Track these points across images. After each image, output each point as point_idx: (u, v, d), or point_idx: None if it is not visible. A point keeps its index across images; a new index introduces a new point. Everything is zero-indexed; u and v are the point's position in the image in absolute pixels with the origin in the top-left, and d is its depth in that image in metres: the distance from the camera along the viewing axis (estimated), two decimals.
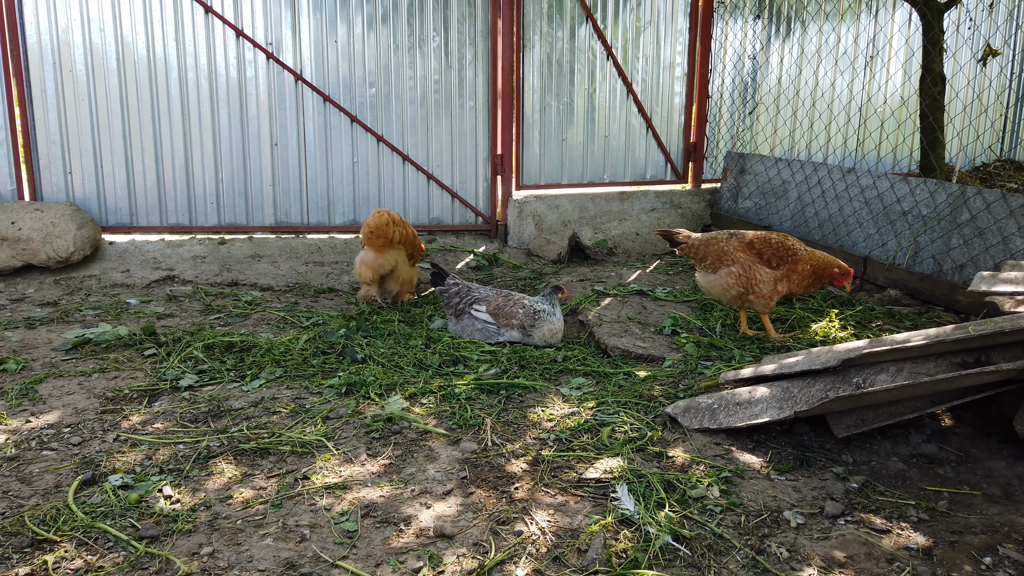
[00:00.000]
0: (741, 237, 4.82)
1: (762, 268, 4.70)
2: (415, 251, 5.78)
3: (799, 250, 4.77)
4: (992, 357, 3.50)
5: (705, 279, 4.89)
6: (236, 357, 4.55)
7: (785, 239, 4.79)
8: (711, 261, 4.80)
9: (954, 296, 5.26)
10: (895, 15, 8.49)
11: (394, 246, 5.50)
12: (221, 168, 6.89)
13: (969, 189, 5.42)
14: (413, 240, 5.70)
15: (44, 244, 6.12)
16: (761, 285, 4.69)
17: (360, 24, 6.93)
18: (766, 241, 4.77)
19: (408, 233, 5.62)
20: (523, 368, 4.49)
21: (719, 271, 4.77)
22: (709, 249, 4.83)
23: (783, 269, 4.72)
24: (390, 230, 5.40)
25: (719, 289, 4.80)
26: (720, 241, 4.82)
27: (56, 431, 3.62)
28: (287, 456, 3.40)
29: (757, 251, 4.74)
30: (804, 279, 4.77)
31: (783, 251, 4.74)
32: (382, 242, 5.41)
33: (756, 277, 4.69)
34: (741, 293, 4.73)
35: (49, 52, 6.42)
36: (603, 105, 7.68)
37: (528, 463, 3.34)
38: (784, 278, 4.74)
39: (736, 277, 4.70)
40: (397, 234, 5.47)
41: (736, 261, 4.72)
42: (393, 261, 5.49)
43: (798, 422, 3.61)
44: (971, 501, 3.10)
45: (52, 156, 6.58)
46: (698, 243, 4.88)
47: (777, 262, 4.72)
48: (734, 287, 4.72)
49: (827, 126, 8.51)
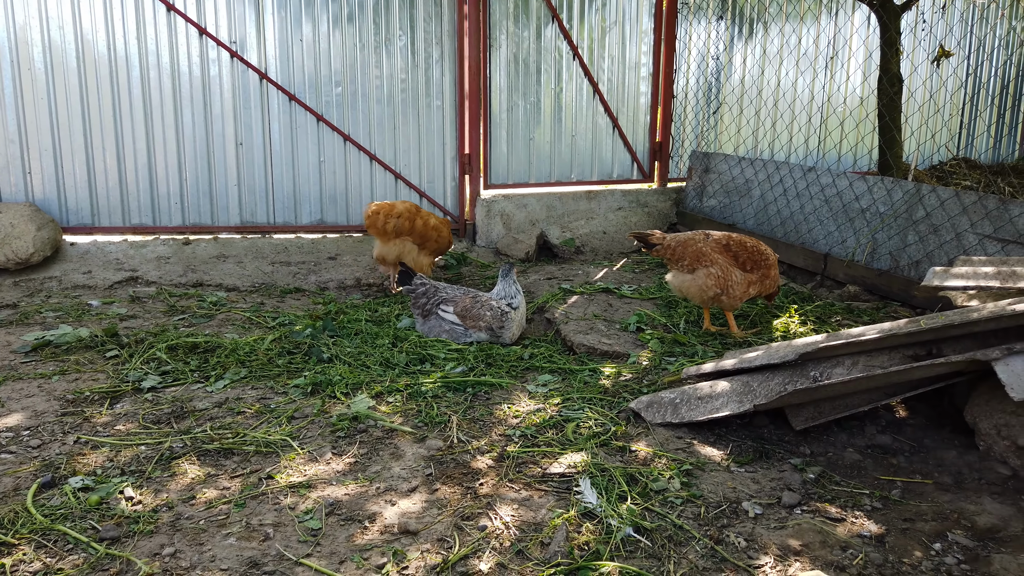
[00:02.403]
0: (718, 239, 4.90)
1: (736, 271, 4.80)
2: (426, 242, 6.01)
3: (770, 256, 4.92)
4: (943, 349, 3.61)
5: (680, 279, 4.93)
6: (200, 358, 4.52)
7: (759, 244, 4.92)
8: (688, 262, 4.86)
9: (910, 291, 5.39)
10: (854, 16, 8.67)
11: (395, 236, 5.86)
12: (185, 168, 6.82)
13: (924, 187, 5.56)
14: (422, 231, 5.96)
15: (2, 245, 6.01)
16: (735, 287, 4.79)
17: (326, 23, 6.90)
18: (742, 244, 4.89)
19: (413, 226, 5.90)
20: (490, 366, 4.51)
21: (696, 272, 4.83)
22: (687, 250, 4.88)
23: (757, 273, 4.86)
24: (379, 220, 5.78)
25: (695, 289, 4.85)
26: (698, 242, 4.89)
27: (15, 434, 3.57)
28: (251, 456, 3.39)
29: (733, 254, 4.85)
30: (773, 283, 4.94)
31: (757, 255, 4.87)
32: (376, 232, 5.86)
33: (732, 279, 4.78)
34: (717, 294, 4.80)
35: (6, 50, 6.30)
36: (570, 105, 7.74)
37: (493, 459, 3.37)
38: (757, 282, 4.87)
39: (715, 279, 4.77)
40: (392, 225, 5.80)
41: (714, 263, 4.80)
42: (397, 250, 5.90)
43: (758, 415, 3.69)
44: (923, 489, 3.20)
45: (10, 156, 6.46)
46: (675, 244, 4.93)
47: (751, 266, 4.85)
48: (712, 288, 4.78)
49: (788, 125, 8.67)
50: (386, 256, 5.94)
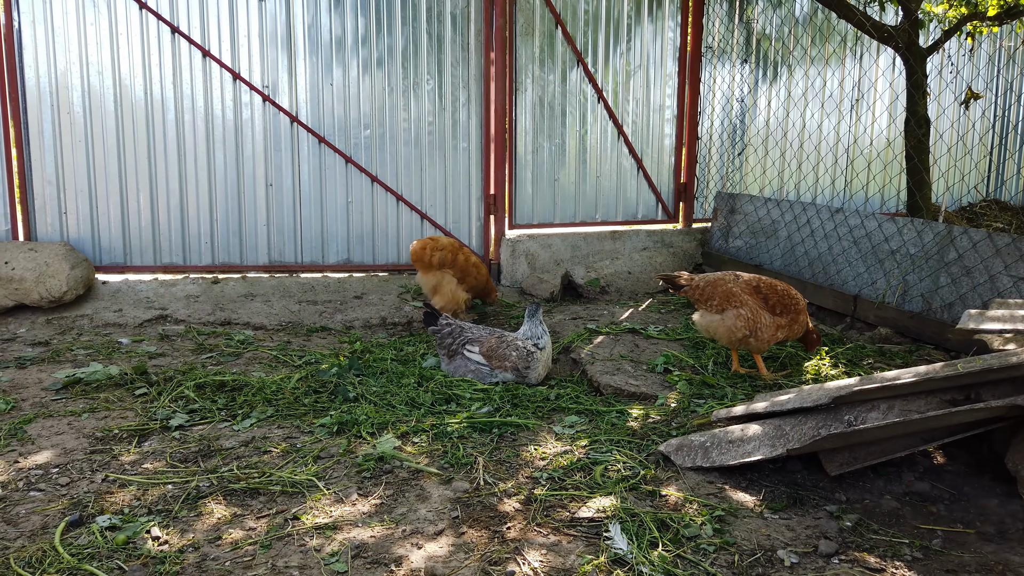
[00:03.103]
0: (747, 280, 4.87)
1: (766, 314, 4.76)
2: (466, 276, 6.24)
3: (801, 301, 4.86)
4: (982, 394, 3.52)
5: (708, 319, 4.88)
6: (227, 396, 4.54)
7: (789, 288, 4.88)
8: (718, 302, 4.82)
9: (943, 334, 5.29)
10: (879, 60, 8.69)
11: (438, 268, 6.11)
12: (216, 208, 6.94)
13: (956, 228, 5.49)
14: (463, 266, 6.21)
15: (37, 284, 6.12)
16: (763, 330, 4.74)
17: (356, 67, 7.05)
18: (772, 287, 4.84)
19: (455, 260, 6.16)
20: (516, 406, 4.48)
21: (725, 312, 4.79)
22: (716, 290, 4.85)
23: (786, 318, 4.80)
24: (425, 254, 6.07)
25: (723, 330, 4.79)
26: (727, 282, 4.85)
27: (44, 471, 3.59)
28: (277, 496, 3.37)
29: (763, 296, 4.81)
30: (801, 328, 4.89)
31: (788, 299, 4.82)
32: (422, 265, 6.13)
33: (761, 322, 4.73)
34: (745, 336, 4.75)
35: (47, 94, 6.50)
36: (594, 146, 7.80)
37: (520, 502, 3.32)
38: (786, 326, 4.81)
39: (744, 319, 4.72)
40: (437, 258, 6.09)
41: (744, 304, 4.75)
42: (435, 280, 6.14)
43: (791, 460, 3.61)
44: (965, 540, 3.09)
45: (47, 197, 6.62)
46: (704, 284, 4.90)
47: (781, 310, 4.79)
48: (741, 329, 4.73)
49: (815, 167, 8.65)
50: (425, 284, 6.21)
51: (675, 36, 7.91)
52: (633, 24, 7.76)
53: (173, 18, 6.63)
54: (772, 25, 8.36)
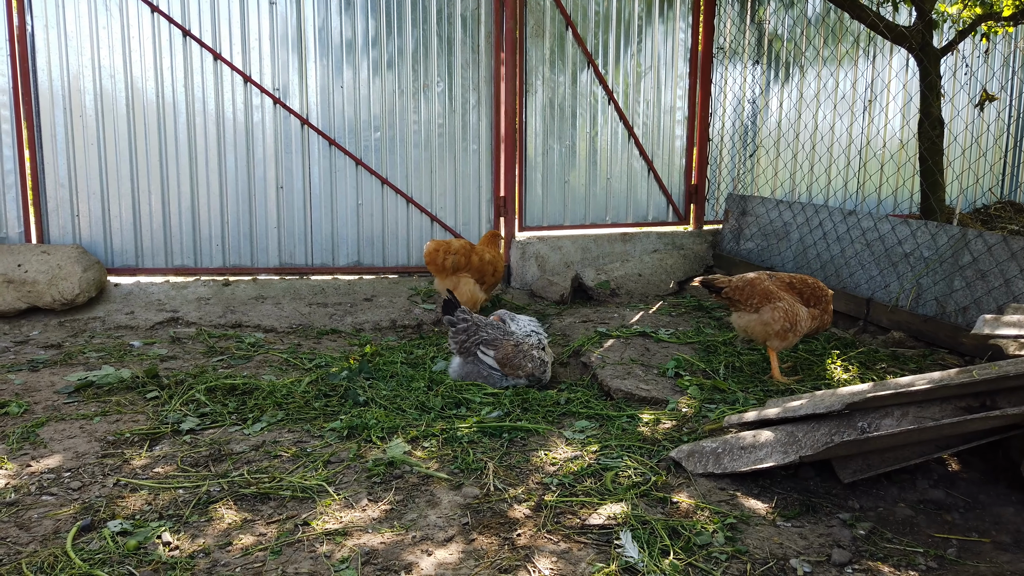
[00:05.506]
0: (781, 278, 5.07)
1: (802, 307, 4.94)
2: (484, 276, 6.34)
3: (828, 292, 5.09)
4: (997, 401, 3.48)
5: (746, 319, 4.99)
6: (238, 400, 4.54)
7: (817, 281, 5.11)
8: (757, 300, 4.93)
9: (958, 338, 5.24)
10: (892, 61, 8.62)
11: (453, 272, 6.17)
12: (227, 210, 6.96)
13: (970, 232, 5.44)
14: (479, 267, 6.28)
15: (50, 286, 6.16)
16: (802, 322, 4.90)
17: (366, 70, 7.06)
18: (804, 282, 5.06)
19: (469, 261, 6.21)
20: (526, 411, 4.46)
21: (763, 309, 4.89)
22: (755, 289, 4.97)
23: (819, 308, 5.02)
24: (438, 257, 6.11)
25: (760, 326, 4.91)
26: (764, 281, 5.02)
27: (56, 475, 3.60)
28: (288, 501, 3.37)
29: (798, 291, 5.01)
30: (830, 318, 5.09)
31: (819, 291, 5.04)
32: (436, 268, 6.17)
33: (799, 314, 4.89)
34: (785, 328, 4.86)
35: (60, 97, 6.54)
36: (605, 148, 7.77)
37: (531, 508, 3.31)
38: (817, 316, 5.01)
39: (783, 312, 4.86)
40: (451, 261, 6.12)
41: (782, 299, 4.92)
42: (451, 284, 6.19)
43: (803, 467, 3.58)
44: (980, 549, 3.06)
45: (60, 199, 6.66)
46: (743, 284, 5.02)
47: (814, 302, 5.01)
48: (780, 321, 4.85)
49: (827, 169, 8.59)
50: (442, 287, 6.21)
51: (686, 37, 7.88)
52: (644, 25, 7.72)
53: (184, 21, 6.65)
54: (784, 25, 8.31)
